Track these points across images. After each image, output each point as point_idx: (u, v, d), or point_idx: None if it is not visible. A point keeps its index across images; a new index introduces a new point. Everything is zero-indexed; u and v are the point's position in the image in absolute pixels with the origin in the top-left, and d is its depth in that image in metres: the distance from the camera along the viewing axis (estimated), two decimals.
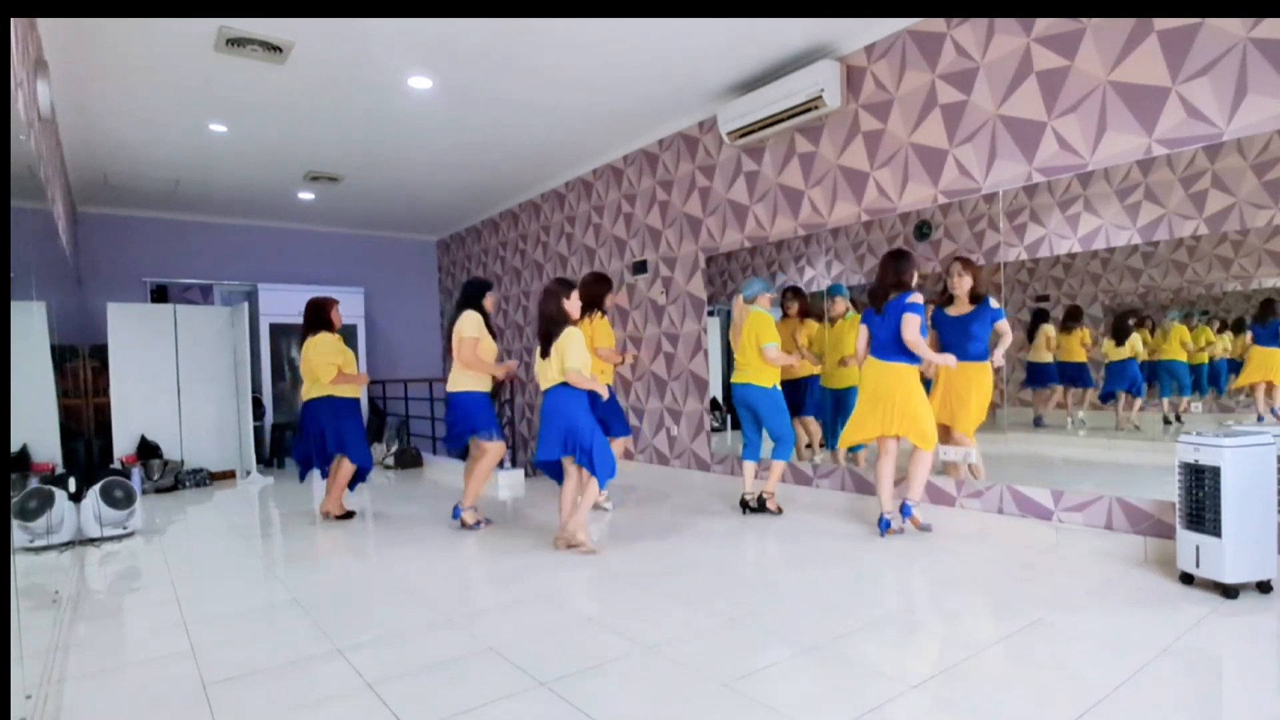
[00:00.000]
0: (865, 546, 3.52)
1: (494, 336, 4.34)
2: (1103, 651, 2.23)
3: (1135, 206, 3.15)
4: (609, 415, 4.38)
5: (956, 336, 3.70)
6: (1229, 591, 2.61)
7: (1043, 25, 3.37)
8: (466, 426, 4.26)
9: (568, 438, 3.59)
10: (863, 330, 3.79)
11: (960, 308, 3.71)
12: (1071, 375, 3.62)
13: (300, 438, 4.75)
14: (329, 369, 4.47)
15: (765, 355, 4.18)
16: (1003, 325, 3.60)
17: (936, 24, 3.79)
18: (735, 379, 4.36)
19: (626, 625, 2.59)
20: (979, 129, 3.65)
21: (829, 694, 2.03)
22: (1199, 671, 2.16)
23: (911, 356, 3.56)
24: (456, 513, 4.33)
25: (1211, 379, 3.20)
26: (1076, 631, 2.43)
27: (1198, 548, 2.67)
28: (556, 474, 3.81)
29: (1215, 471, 2.59)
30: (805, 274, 4.67)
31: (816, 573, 3.18)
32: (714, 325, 5.48)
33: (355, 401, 4.69)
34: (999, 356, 3.64)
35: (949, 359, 3.53)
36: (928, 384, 3.87)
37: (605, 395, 3.76)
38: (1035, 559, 3.23)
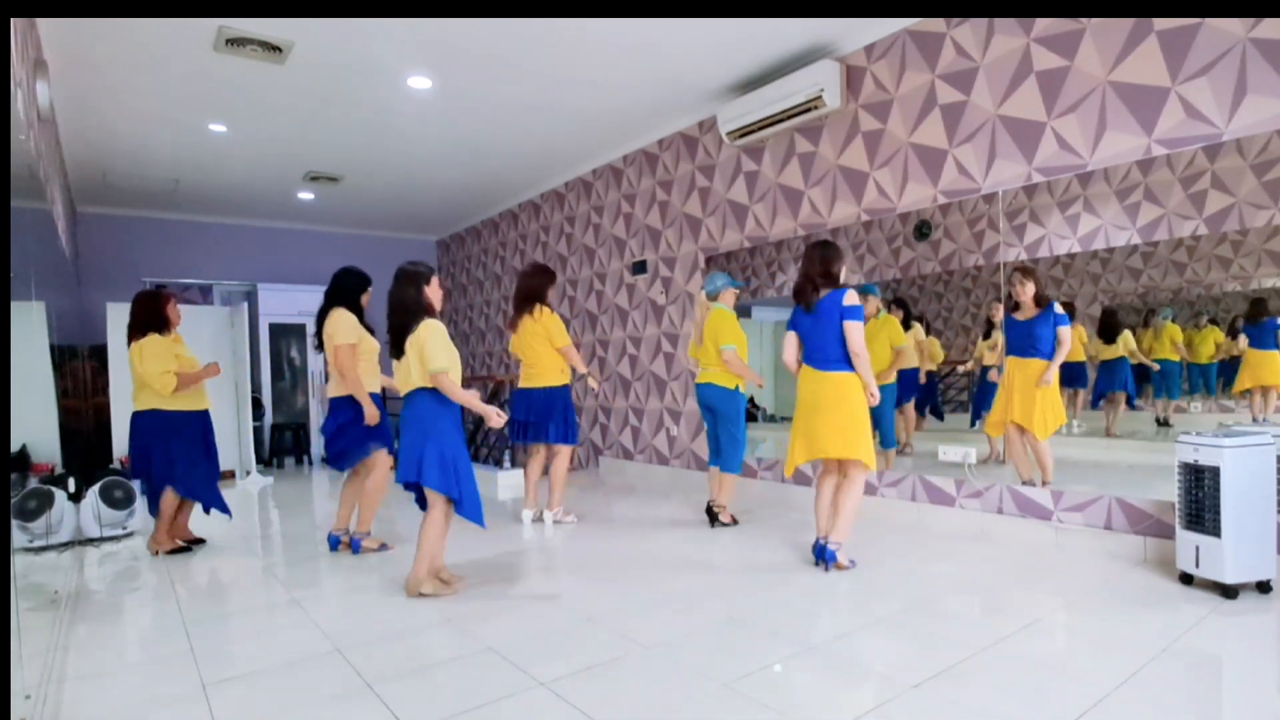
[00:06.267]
0: (865, 547, 3.52)
1: (372, 333, 3.80)
2: (1102, 651, 2.23)
3: (1135, 207, 3.15)
4: (558, 420, 4.22)
5: (1021, 340, 3.58)
6: (1229, 591, 2.61)
7: (1042, 25, 3.38)
8: (370, 437, 3.72)
9: (421, 458, 2.89)
10: (790, 337, 3.28)
11: (1027, 313, 3.56)
12: (1069, 375, 3.61)
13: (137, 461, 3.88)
14: (166, 379, 3.67)
15: (721, 357, 3.93)
16: (1064, 332, 3.45)
17: (936, 24, 3.79)
18: (699, 379, 4.14)
19: (626, 625, 2.59)
20: (979, 129, 3.65)
21: (829, 694, 2.04)
22: (1199, 671, 2.16)
23: (849, 364, 3.12)
24: (355, 545, 3.77)
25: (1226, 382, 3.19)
26: (1076, 631, 2.43)
27: (1197, 548, 2.67)
28: (422, 499, 3.07)
29: (1215, 471, 2.59)
30: None
31: (816, 573, 3.18)
32: None
33: (195, 416, 3.88)
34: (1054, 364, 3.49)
35: (876, 393, 3.16)
36: (993, 386, 3.73)
37: (493, 416, 2.98)
38: (1035, 559, 3.23)
